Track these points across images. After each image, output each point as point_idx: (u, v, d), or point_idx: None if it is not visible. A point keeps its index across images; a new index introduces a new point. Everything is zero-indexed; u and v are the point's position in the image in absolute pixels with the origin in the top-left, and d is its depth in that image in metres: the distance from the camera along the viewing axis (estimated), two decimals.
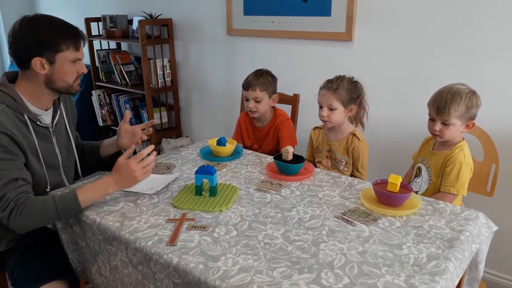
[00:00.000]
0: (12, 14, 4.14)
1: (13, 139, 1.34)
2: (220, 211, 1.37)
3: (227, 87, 2.93)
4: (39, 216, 1.31)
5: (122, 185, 1.40)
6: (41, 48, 1.37)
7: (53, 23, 1.41)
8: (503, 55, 1.84)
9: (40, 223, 1.36)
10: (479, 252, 1.35)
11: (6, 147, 1.32)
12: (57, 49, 1.38)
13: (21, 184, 1.33)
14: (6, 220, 1.30)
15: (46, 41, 1.37)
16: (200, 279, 1.04)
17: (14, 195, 1.30)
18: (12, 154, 1.34)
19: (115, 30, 3.22)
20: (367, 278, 1.03)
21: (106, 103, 3.46)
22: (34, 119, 1.44)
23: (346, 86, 1.78)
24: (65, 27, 1.42)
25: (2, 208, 1.30)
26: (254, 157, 1.87)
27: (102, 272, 1.39)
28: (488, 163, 1.72)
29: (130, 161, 1.37)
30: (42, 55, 1.37)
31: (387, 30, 2.14)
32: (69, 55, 1.41)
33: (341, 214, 1.34)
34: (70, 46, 1.40)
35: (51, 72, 1.41)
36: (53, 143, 1.54)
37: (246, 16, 2.64)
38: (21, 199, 1.30)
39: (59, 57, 1.40)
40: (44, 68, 1.39)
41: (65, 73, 1.43)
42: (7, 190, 1.30)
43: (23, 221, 1.30)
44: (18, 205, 1.29)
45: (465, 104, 1.54)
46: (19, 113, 1.40)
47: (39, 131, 1.47)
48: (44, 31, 1.37)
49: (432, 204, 1.41)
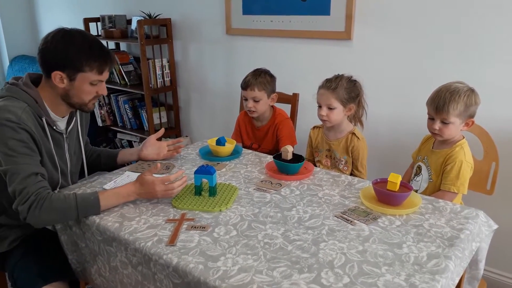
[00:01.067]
0: (10, 13, 4.13)
1: (32, 136, 1.37)
2: (219, 211, 1.36)
3: (226, 87, 2.93)
4: (59, 212, 1.32)
5: (142, 197, 1.42)
6: (65, 64, 1.38)
7: (84, 41, 1.40)
8: (504, 53, 1.84)
9: (58, 219, 1.38)
10: (479, 250, 1.35)
11: (27, 142, 1.34)
12: (79, 69, 1.39)
13: (40, 179, 1.35)
14: (25, 213, 1.30)
15: (71, 59, 1.38)
16: (200, 279, 1.04)
17: (35, 189, 1.31)
18: (31, 150, 1.36)
19: (114, 30, 3.22)
20: (367, 277, 1.03)
21: (105, 103, 3.46)
22: (51, 123, 1.47)
23: (345, 85, 1.78)
24: (95, 48, 1.42)
25: (22, 201, 1.30)
26: (254, 156, 1.87)
27: (102, 273, 1.39)
28: (488, 162, 1.71)
29: (156, 181, 1.38)
30: (64, 70, 1.39)
31: (386, 29, 2.14)
32: (91, 77, 1.42)
33: (341, 213, 1.34)
34: (94, 69, 1.41)
35: (69, 87, 1.43)
36: (64, 149, 1.56)
37: (245, 15, 2.63)
38: (42, 193, 1.31)
39: (80, 77, 1.41)
40: (63, 82, 1.41)
41: (83, 92, 1.44)
42: (27, 184, 1.31)
43: (42, 215, 1.31)
44: (39, 199, 1.30)
45: (464, 103, 1.53)
46: (39, 115, 1.42)
47: (54, 135, 1.49)
48: (72, 49, 1.38)
49: (432, 202, 1.41)
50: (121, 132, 3.51)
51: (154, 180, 1.38)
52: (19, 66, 4.03)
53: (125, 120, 3.41)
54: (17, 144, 1.32)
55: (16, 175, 1.31)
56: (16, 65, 4.07)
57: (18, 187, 1.31)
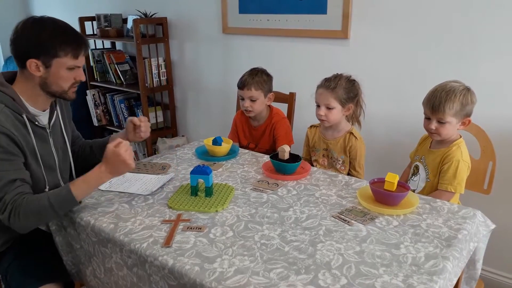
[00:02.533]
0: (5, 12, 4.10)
1: (12, 139, 1.34)
2: (216, 211, 1.35)
3: (222, 86, 2.92)
4: (36, 215, 1.31)
5: (114, 172, 1.36)
6: (39, 51, 1.36)
7: (56, 27, 1.39)
8: (501, 51, 1.84)
9: (39, 222, 1.36)
10: (477, 250, 1.35)
11: (5, 147, 1.32)
12: (54, 54, 1.37)
13: (18, 185, 1.33)
14: (6, 221, 1.30)
15: (44, 45, 1.36)
16: (195, 281, 1.03)
17: (11, 196, 1.30)
18: (11, 154, 1.33)
19: (110, 29, 3.19)
20: (364, 278, 1.02)
21: (101, 103, 3.44)
22: (32, 119, 1.44)
23: (344, 85, 1.77)
24: (67, 33, 1.40)
25: (1, 210, 1.30)
26: (250, 156, 1.85)
27: (97, 275, 1.38)
28: (485, 161, 1.71)
29: (115, 147, 1.32)
30: (38, 57, 1.36)
31: (383, 28, 2.13)
32: (66, 62, 1.40)
33: (338, 213, 1.33)
34: (68, 53, 1.39)
35: (46, 75, 1.40)
36: (50, 144, 1.53)
37: (242, 14, 2.62)
38: (18, 201, 1.30)
39: (56, 62, 1.38)
40: (39, 70, 1.38)
41: (60, 78, 1.41)
42: (5, 192, 1.29)
43: (21, 222, 1.30)
44: (15, 206, 1.29)
45: (460, 102, 1.53)
46: (18, 113, 1.39)
47: (36, 131, 1.46)
48: (44, 34, 1.36)
49: (430, 202, 1.40)
50: (117, 132, 3.48)
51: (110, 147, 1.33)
52: (14, 65, 3.98)
53: (121, 119, 3.39)
54: None
55: None
56: (11, 64, 4.04)
57: None
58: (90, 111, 3.45)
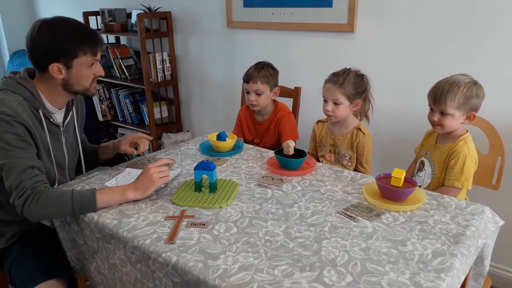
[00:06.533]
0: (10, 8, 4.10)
1: (28, 129, 1.36)
2: (220, 207, 1.34)
3: (227, 81, 2.90)
4: (55, 207, 1.31)
5: (140, 190, 1.37)
6: (58, 54, 1.37)
7: (71, 28, 1.39)
8: (510, 45, 1.80)
9: (54, 214, 1.36)
10: (485, 247, 1.32)
11: (22, 136, 1.33)
12: (74, 55, 1.39)
13: (37, 173, 1.34)
14: (20, 207, 1.30)
15: (64, 48, 1.37)
16: (199, 278, 1.02)
17: (31, 183, 1.30)
18: (27, 143, 1.35)
19: (114, 24, 3.18)
20: (370, 275, 1.00)
21: (106, 98, 3.44)
22: (48, 115, 1.45)
23: (352, 81, 1.74)
24: (83, 32, 1.41)
25: (18, 195, 1.30)
26: (255, 151, 1.84)
27: (101, 270, 1.37)
28: (493, 156, 1.68)
29: (147, 167, 1.39)
30: (59, 61, 1.38)
31: (389, 21, 2.10)
32: (86, 60, 1.41)
33: (343, 209, 1.31)
34: (87, 52, 1.41)
35: (68, 76, 1.42)
36: (62, 143, 1.55)
37: (246, 8, 2.59)
38: (39, 188, 1.30)
39: (76, 63, 1.40)
40: (61, 73, 1.40)
41: (81, 77, 1.44)
42: (23, 178, 1.30)
43: (37, 209, 1.30)
44: (35, 193, 1.29)
45: (463, 94, 1.50)
46: (35, 108, 1.41)
47: (51, 128, 1.48)
48: (61, 37, 1.37)
49: (437, 198, 1.38)
50: (122, 127, 3.49)
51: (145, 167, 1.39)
52: (19, 60, 4.01)
53: (126, 114, 3.39)
54: (12, 138, 1.31)
55: (12, 169, 1.30)
56: (17, 59, 4.05)
57: (14, 181, 1.30)
58: (95, 106, 3.45)
